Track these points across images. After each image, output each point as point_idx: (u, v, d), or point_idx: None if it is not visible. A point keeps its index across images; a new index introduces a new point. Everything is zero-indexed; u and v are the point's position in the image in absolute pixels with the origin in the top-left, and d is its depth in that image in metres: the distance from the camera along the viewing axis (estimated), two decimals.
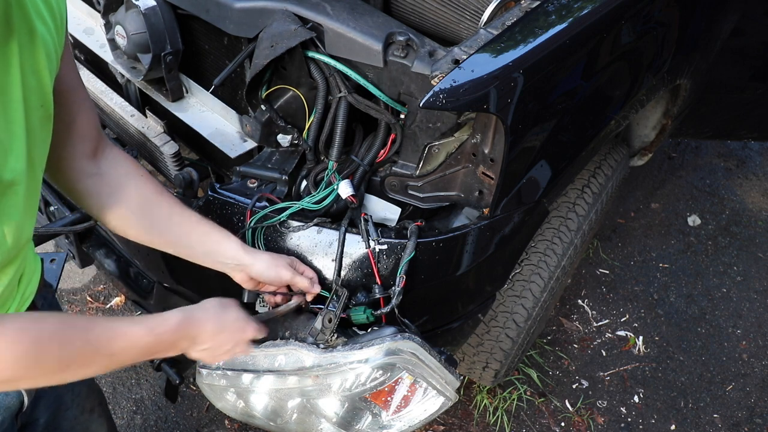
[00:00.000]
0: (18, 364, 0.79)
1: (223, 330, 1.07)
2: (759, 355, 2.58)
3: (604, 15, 1.34)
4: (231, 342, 1.09)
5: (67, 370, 0.86)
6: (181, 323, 1.01)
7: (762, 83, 2.21)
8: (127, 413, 2.21)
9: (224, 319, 1.08)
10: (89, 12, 1.78)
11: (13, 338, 0.79)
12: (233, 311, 1.10)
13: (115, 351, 0.90)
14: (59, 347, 0.83)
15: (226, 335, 1.08)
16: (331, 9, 1.31)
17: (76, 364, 0.87)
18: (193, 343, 1.04)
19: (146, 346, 0.95)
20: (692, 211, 3.15)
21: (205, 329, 1.04)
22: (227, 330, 1.08)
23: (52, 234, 1.56)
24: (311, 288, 1.26)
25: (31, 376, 0.82)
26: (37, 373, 0.83)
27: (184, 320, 1.01)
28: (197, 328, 1.03)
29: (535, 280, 1.83)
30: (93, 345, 0.88)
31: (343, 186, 1.34)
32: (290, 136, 1.41)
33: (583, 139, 1.53)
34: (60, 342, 0.84)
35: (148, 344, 0.95)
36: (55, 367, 0.84)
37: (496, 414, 2.28)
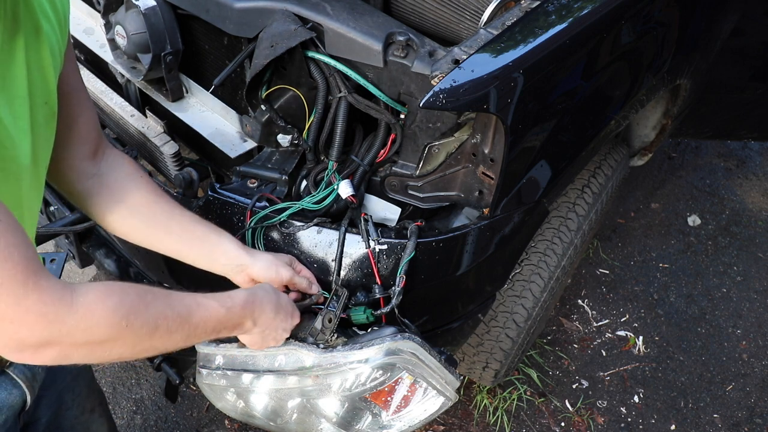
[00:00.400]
0: (111, 322, 0.79)
1: (279, 313, 1.10)
2: (759, 355, 2.58)
3: (604, 15, 1.34)
4: (281, 327, 1.12)
5: (155, 335, 0.86)
6: (247, 301, 1.03)
7: (762, 83, 2.21)
8: (127, 413, 2.21)
9: (280, 302, 1.11)
10: (89, 12, 1.78)
11: (102, 297, 0.79)
12: (285, 296, 1.14)
13: (195, 321, 0.92)
14: (146, 309, 0.84)
15: (280, 319, 1.11)
16: (331, 9, 1.31)
17: (163, 329, 0.87)
18: (254, 324, 1.06)
19: (220, 320, 0.97)
20: (692, 211, 3.15)
21: (265, 309, 1.07)
22: (282, 313, 1.11)
23: (52, 234, 1.56)
24: (309, 288, 1.27)
25: (123, 337, 0.82)
26: (128, 334, 0.82)
27: (250, 297, 1.04)
28: (260, 307, 1.06)
29: (535, 280, 1.83)
30: (176, 311, 0.89)
31: (343, 186, 1.34)
32: (290, 136, 1.41)
33: (583, 139, 1.53)
34: (146, 304, 0.84)
35: (221, 318, 0.97)
36: (144, 330, 0.84)
37: (496, 414, 2.28)
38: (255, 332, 1.09)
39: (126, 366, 2.33)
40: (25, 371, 1.06)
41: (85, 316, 0.77)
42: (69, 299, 0.76)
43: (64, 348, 0.77)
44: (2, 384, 1.03)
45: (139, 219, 1.14)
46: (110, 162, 1.11)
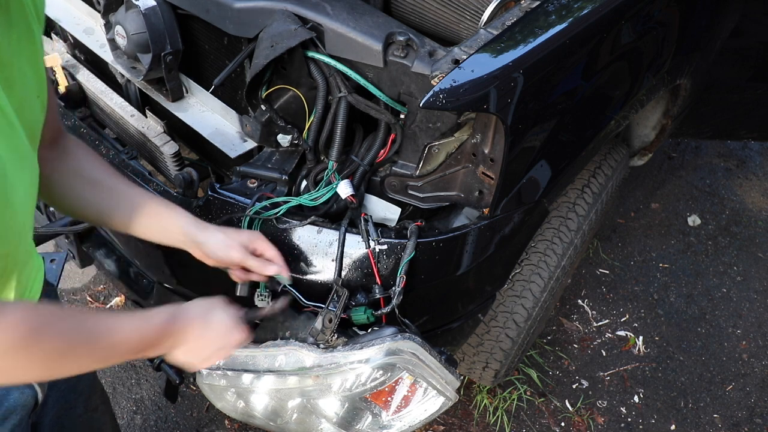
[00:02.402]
0: (15, 351, 0.79)
1: (207, 333, 1.05)
2: (759, 355, 2.58)
3: (604, 15, 1.34)
4: (213, 347, 1.06)
5: (61, 361, 0.85)
6: (166, 322, 0.99)
7: (762, 83, 2.21)
8: (127, 413, 2.21)
9: (210, 321, 1.05)
10: (89, 12, 1.78)
11: (11, 325, 0.78)
12: (220, 314, 1.07)
13: (106, 345, 0.90)
14: (55, 337, 0.83)
15: (209, 339, 1.05)
16: (331, 9, 1.31)
17: (71, 356, 0.86)
18: (175, 344, 1.02)
19: (134, 343, 0.94)
20: (692, 211, 3.15)
21: (189, 330, 1.02)
22: (211, 333, 1.05)
23: (52, 234, 1.56)
24: (262, 269, 1.22)
25: (25, 365, 0.82)
26: (31, 362, 0.82)
27: (170, 318, 1.00)
28: (182, 328, 1.01)
29: (535, 280, 1.83)
30: (85, 335, 0.88)
31: (342, 186, 1.34)
32: (290, 136, 1.41)
33: (583, 139, 1.53)
34: (56, 332, 0.83)
35: (135, 342, 0.94)
36: (50, 357, 0.83)
37: (496, 414, 2.28)
38: (179, 353, 1.03)
39: (126, 366, 2.33)
40: None
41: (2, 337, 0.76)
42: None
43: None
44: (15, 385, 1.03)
45: (94, 197, 1.13)
46: (66, 146, 1.11)
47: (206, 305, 1.07)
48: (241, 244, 1.21)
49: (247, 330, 1.11)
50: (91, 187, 1.13)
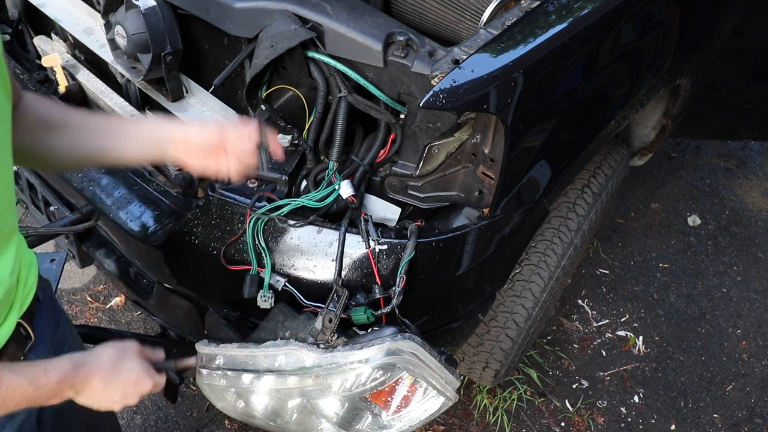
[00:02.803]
0: None
1: (113, 383, 1.03)
2: (759, 355, 2.58)
3: (604, 15, 1.34)
4: (120, 394, 1.05)
5: None
6: (66, 374, 0.97)
7: (762, 83, 2.21)
8: (127, 413, 2.21)
9: (117, 371, 1.03)
10: (89, 12, 1.78)
11: None
12: (129, 363, 1.05)
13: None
14: None
15: (115, 388, 1.04)
16: (331, 9, 1.31)
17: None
18: (77, 393, 1.00)
19: (28, 397, 0.93)
20: (692, 211, 3.15)
21: (92, 381, 1.00)
22: (118, 383, 1.04)
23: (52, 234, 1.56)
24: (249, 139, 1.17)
25: None
26: None
27: (71, 370, 0.98)
28: (84, 379, 0.99)
29: (535, 280, 1.83)
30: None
31: (344, 186, 1.34)
32: (290, 136, 1.41)
33: (583, 139, 1.53)
34: None
35: (29, 395, 0.93)
36: None
37: (496, 414, 2.28)
38: (82, 398, 1.02)
39: None
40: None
41: None
42: None
43: None
44: None
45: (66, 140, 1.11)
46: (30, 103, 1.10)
47: (116, 353, 1.05)
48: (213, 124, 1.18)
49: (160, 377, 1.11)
50: (60, 133, 1.11)
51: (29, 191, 1.74)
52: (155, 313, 1.68)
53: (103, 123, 1.16)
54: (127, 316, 2.48)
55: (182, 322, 1.61)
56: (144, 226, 1.48)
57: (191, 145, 1.15)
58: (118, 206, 1.52)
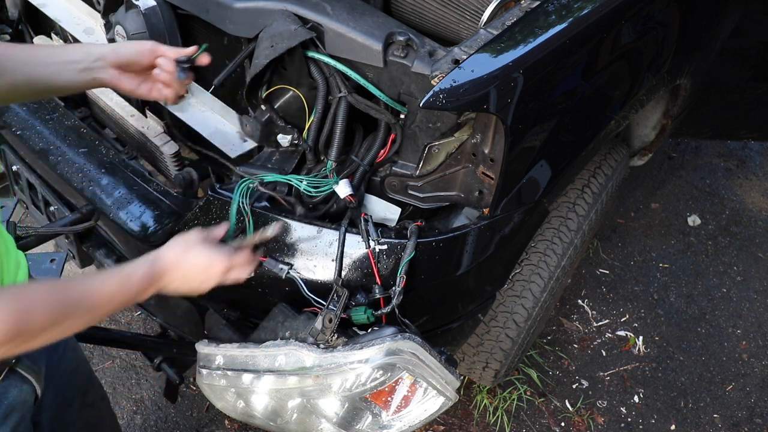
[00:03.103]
0: (9, 342, 0.84)
1: (186, 274, 1.10)
2: (759, 355, 2.58)
3: (604, 15, 1.34)
4: (197, 281, 1.12)
5: (55, 331, 0.91)
6: (146, 275, 1.04)
7: (762, 83, 2.21)
8: (127, 413, 2.21)
9: (186, 263, 1.10)
10: (89, 12, 1.78)
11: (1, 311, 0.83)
12: (194, 252, 1.11)
13: (94, 306, 0.96)
14: (42, 317, 0.88)
15: (190, 277, 1.11)
16: (331, 9, 1.31)
17: (63, 325, 0.92)
18: (159, 290, 1.08)
19: (119, 300, 1.01)
20: (692, 211, 3.15)
21: (167, 278, 1.08)
22: (190, 273, 1.11)
23: (52, 234, 1.56)
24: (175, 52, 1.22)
25: (23, 346, 0.88)
26: (26, 343, 0.87)
27: (149, 271, 1.05)
28: (160, 278, 1.07)
29: (535, 280, 1.83)
30: (72, 308, 0.93)
31: (341, 186, 1.34)
32: (290, 136, 1.41)
33: (583, 139, 1.53)
34: (42, 313, 0.88)
35: (121, 299, 1.01)
36: (43, 333, 0.89)
37: (496, 414, 2.28)
38: (166, 292, 1.10)
39: (126, 366, 2.33)
40: (31, 365, 1.07)
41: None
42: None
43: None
44: (13, 383, 1.04)
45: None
46: None
47: (181, 248, 1.10)
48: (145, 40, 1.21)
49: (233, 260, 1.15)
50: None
51: (29, 191, 1.74)
52: (155, 313, 1.67)
53: (29, 52, 1.15)
54: (127, 316, 2.48)
55: (182, 322, 1.61)
56: (144, 226, 1.48)
57: (121, 62, 1.17)
58: (118, 206, 1.52)
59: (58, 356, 1.22)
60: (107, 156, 1.53)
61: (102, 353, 2.35)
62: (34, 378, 1.07)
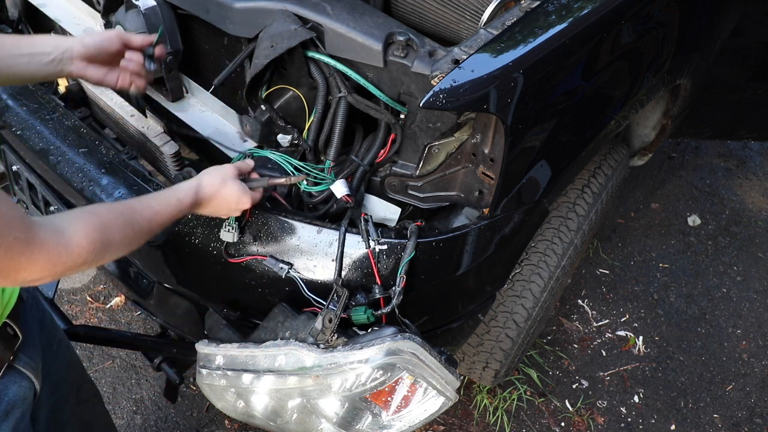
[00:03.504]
0: (97, 251, 0.96)
1: (220, 204, 1.23)
2: (759, 355, 2.58)
3: (604, 15, 1.34)
4: (225, 210, 1.25)
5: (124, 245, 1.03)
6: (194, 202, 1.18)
7: (762, 83, 2.21)
8: (127, 413, 2.21)
9: (221, 195, 1.22)
10: (89, 12, 1.78)
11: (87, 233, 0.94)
12: (230, 186, 1.22)
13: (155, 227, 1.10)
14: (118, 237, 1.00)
15: (222, 206, 1.24)
16: (331, 9, 1.31)
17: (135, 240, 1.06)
18: (199, 210, 1.22)
19: (172, 220, 1.15)
20: (692, 211, 3.15)
21: (205, 204, 1.21)
22: (223, 204, 1.23)
23: None
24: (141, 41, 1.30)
25: (105, 257, 0.99)
26: (107, 252, 0.99)
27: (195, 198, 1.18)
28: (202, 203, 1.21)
29: (535, 280, 1.83)
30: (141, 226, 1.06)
31: (338, 185, 1.34)
32: (290, 136, 1.41)
33: (583, 139, 1.53)
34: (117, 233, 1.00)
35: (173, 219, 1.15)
36: (118, 244, 1.01)
37: (496, 414, 2.28)
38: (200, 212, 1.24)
39: (126, 366, 2.33)
40: (29, 361, 1.07)
41: (79, 254, 0.93)
42: (64, 243, 0.91)
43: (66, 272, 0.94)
44: (12, 379, 1.04)
45: None
46: None
47: (219, 178, 1.22)
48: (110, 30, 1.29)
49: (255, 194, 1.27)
50: None
51: (29, 191, 1.74)
52: (155, 313, 1.68)
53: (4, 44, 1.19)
54: (127, 316, 2.48)
55: (182, 322, 1.61)
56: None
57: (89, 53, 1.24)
58: None
59: (52, 353, 1.22)
60: (107, 156, 1.53)
61: (102, 353, 2.35)
62: (33, 374, 1.08)
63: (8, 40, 1.20)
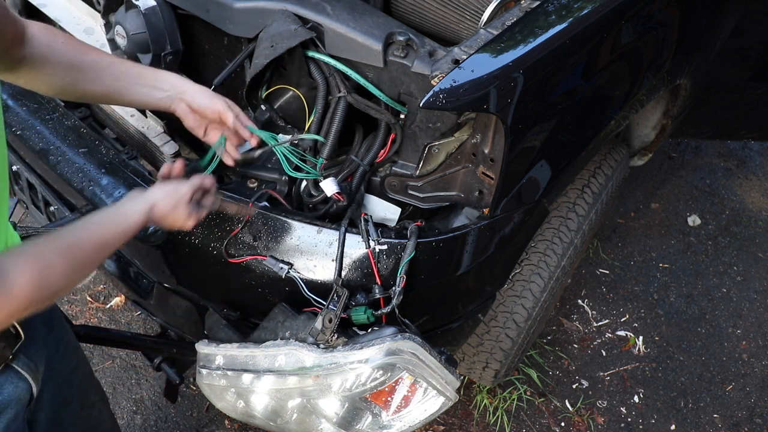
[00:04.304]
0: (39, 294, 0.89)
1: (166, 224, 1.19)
2: (759, 355, 2.58)
3: (604, 15, 1.34)
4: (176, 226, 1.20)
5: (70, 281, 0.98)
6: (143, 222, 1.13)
7: (762, 83, 2.21)
8: (127, 413, 2.21)
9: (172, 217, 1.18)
10: (89, 12, 1.78)
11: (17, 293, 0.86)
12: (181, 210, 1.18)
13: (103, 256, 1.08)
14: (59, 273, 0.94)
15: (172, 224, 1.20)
16: (331, 9, 1.31)
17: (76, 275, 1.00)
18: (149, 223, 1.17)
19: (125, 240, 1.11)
20: (692, 211, 3.15)
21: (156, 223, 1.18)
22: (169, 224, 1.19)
23: None
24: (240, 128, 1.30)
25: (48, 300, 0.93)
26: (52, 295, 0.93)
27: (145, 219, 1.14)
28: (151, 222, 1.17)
29: (535, 280, 1.83)
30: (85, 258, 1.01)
31: (327, 183, 1.33)
32: (290, 136, 1.41)
33: (583, 139, 1.53)
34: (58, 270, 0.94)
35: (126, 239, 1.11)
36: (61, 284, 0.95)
37: (496, 414, 2.28)
38: None
39: (126, 366, 2.33)
40: (29, 363, 1.07)
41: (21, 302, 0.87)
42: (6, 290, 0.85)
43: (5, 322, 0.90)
44: (9, 379, 1.04)
45: (70, 76, 1.18)
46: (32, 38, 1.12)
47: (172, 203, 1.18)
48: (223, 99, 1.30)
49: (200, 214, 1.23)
50: (78, 73, 1.18)
51: (29, 191, 1.74)
52: (155, 313, 1.68)
53: (121, 68, 1.24)
54: (127, 316, 2.48)
55: (182, 322, 1.61)
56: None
57: (193, 106, 1.27)
58: None
59: (58, 355, 1.22)
60: (107, 156, 1.53)
61: (102, 353, 2.35)
62: (31, 376, 1.07)
63: (134, 70, 1.25)
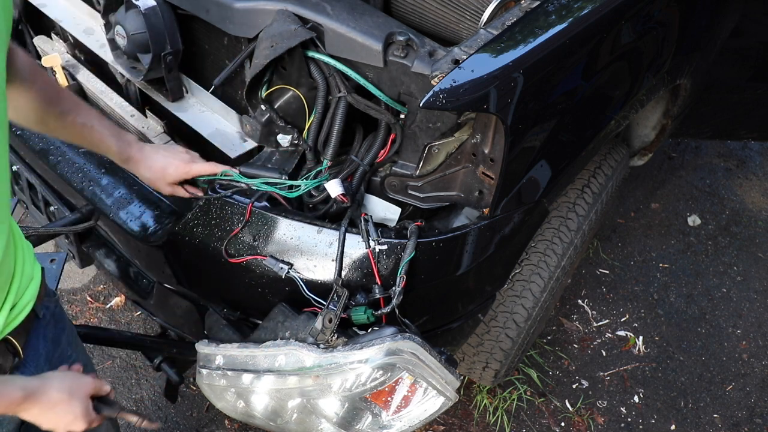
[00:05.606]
0: None
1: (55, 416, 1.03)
2: (759, 355, 2.58)
3: (604, 15, 1.34)
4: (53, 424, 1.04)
5: None
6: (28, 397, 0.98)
7: (762, 83, 2.21)
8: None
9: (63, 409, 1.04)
10: (89, 12, 1.78)
11: None
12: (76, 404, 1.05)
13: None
14: None
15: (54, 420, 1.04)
16: (331, 9, 1.31)
17: None
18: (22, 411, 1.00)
19: None
20: (692, 211, 3.15)
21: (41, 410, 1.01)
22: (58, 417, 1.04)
23: (52, 234, 1.56)
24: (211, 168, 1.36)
25: None
26: None
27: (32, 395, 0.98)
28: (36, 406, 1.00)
29: (535, 280, 1.83)
30: None
31: (332, 185, 1.33)
32: (290, 136, 1.41)
33: (583, 139, 1.53)
34: None
35: None
36: None
37: (496, 414, 2.28)
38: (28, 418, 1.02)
39: (126, 366, 2.33)
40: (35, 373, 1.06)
41: None
42: None
43: None
44: None
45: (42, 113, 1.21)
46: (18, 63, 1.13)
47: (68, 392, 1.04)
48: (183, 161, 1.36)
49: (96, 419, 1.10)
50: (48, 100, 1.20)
51: (29, 191, 1.74)
52: (155, 313, 1.68)
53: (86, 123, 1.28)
54: (127, 316, 2.48)
55: (182, 322, 1.61)
56: (144, 226, 1.49)
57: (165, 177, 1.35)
58: (118, 206, 1.52)
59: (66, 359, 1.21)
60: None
61: (102, 353, 2.35)
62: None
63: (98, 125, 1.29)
